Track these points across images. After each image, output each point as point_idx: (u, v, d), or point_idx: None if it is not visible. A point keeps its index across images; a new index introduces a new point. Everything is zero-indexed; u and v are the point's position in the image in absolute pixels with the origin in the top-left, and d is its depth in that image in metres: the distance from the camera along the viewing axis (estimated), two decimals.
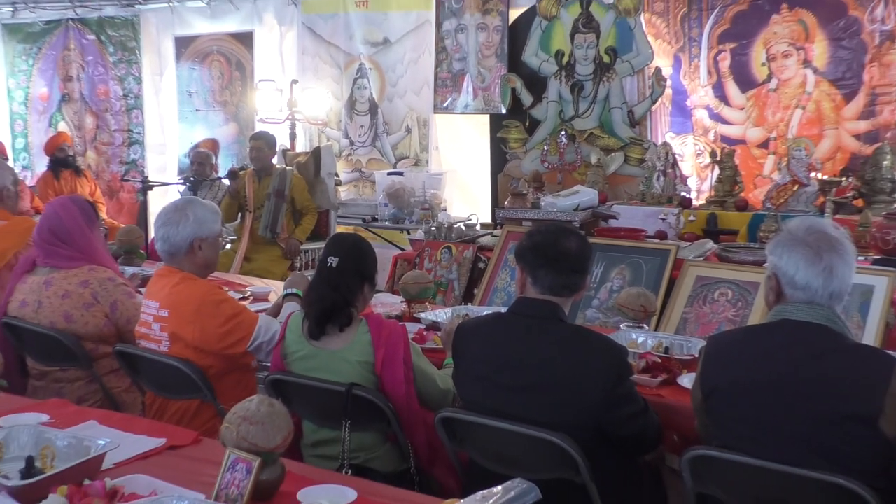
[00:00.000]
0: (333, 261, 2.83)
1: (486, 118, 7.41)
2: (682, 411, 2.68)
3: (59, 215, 3.43)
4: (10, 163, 9.05)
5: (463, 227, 5.67)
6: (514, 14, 7.19)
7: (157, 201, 8.48)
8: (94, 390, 3.36)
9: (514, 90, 6.90)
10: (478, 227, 5.85)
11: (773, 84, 6.30)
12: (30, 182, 8.58)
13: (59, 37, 9.58)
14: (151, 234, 7.24)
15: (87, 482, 2.00)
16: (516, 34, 7.09)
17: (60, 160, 8.04)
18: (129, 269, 4.57)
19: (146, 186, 7.33)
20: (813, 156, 5.80)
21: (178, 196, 7.42)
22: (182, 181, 7.38)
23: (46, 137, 8.90)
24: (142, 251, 5.63)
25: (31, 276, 3.42)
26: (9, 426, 2.36)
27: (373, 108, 8.03)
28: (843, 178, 5.74)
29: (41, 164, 8.88)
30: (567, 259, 2.59)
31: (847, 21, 5.97)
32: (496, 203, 6.86)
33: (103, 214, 8.03)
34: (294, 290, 3.49)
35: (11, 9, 9.62)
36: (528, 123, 6.85)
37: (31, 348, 3.45)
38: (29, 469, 2.07)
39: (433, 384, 2.85)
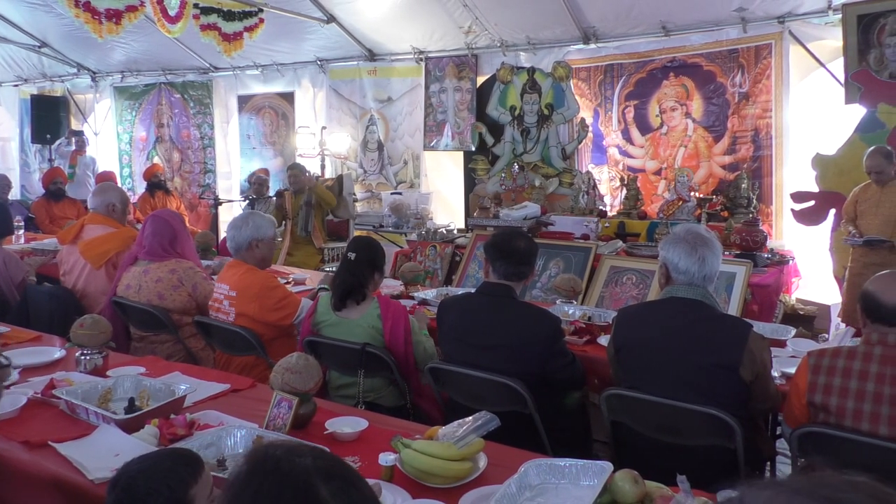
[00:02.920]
0: (352, 255, 2.83)
1: (461, 154, 7.38)
2: (600, 362, 2.68)
3: (171, 225, 3.44)
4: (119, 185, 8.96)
5: (444, 232, 5.65)
6: (480, 79, 7.16)
7: (225, 214, 8.46)
8: (179, 349, 3.32)
9: (480, 134, 6.88)
10: (455, 232, 5.84)
11: (664, 130, 6.30)
12: (133, 200, 8.47)
13: (154, 95, 9.47)
14: (221, 237, 7.21)
15: (172, 416, 1.98)
16: (482, 94, 7.06)
17: (155, 184, 7.95)
18: (205, 262, 4.52)
19: (217, 203, 7.28)
20: (692, 181, 5.82)
21: (240, 209, 7.38)
22: (244, 198, 7.32)
23: (145, 168, 8.81)
24: (213, 249, 5.58)
25: (134, 267, 3.40)
26: (116, 376, 2.34)
27: (380, 147, 7.98)
28: (714, 197, 5.76)
29: (140, 187, 8.77)
30: (517, 254, 2.59)
31: (715, 85, 5.98)
32: (468, 214, 6.85)
33: (187, 223, 7.95)
34: (324, 286, 3.47)
35: (120, 76, 9.56)
36: (490, 158, 6.82)
37: (134, 319, 3.41)
38: (131, 407, 2.05)
39: (422, 349, 2.84)
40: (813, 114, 5.63)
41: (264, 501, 0.87)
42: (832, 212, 5.16)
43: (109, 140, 9.97)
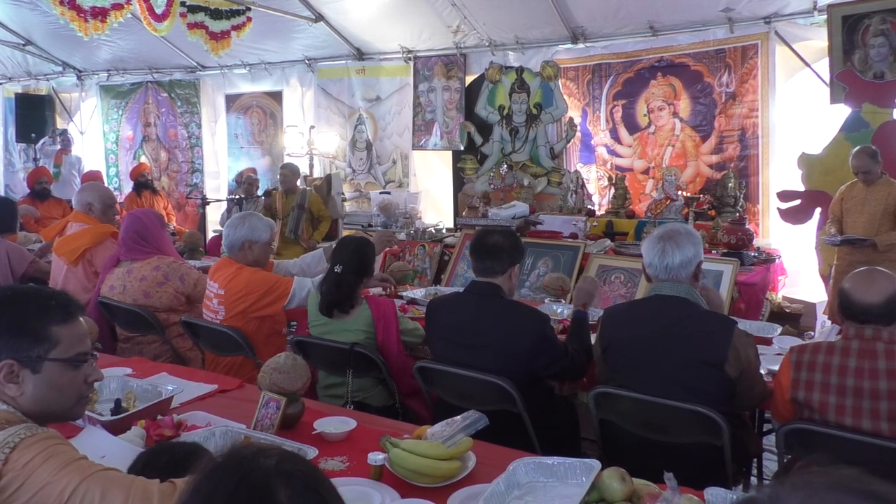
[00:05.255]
0: (339, 268, 2.80)
1: (450, 153, 7.38)
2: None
3: (142, 220, 3.41)
4: (105, 185, 8.89)
5: (433, 231, 5.65)
6: (469, 79, 7.16)
7: (213, 213, 8.40)
8: (166, 350, 3.30)
9: (469, 133, 6.88)
10: (444, 231, 5.84)
11: (651, 129, 6.33)
12: (119, 199, 8.40)
13: (140, 94, 9.41)
14: (209, 237, 7.18)
15: (159, 417, 1.96)
16: (471, 93, 7.07)
17: (142, 183, 7.88)
18: (192, 262, 4.49)
19: (204, 202, 7.23)
20: (680, 180, 5.84)
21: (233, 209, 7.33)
22: (233, 199, 7.29)
23: (131, 167, 8.74)
24: (201, 249, 5.54)
25: (117, 268, 3.38)
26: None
27: (369, 146, 7.97)
28: (701, 196, 5.79)
29: (127, 186, 8.71)
30: (487, 250, 2.59)
31: (702, 85, 6.02)
32: (457, 213, 6.85)
33: (173, 223, 7.91)
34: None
35: (106, 74, 9.49)
36: (479, 157, 6.83)
37: (120, 320, 3.39)
38: (117, 408, 2.03)
39: (407, 329, 2.88)
40: (799, 113, 5.68)
41: (219, 499, 0.87)
42: (818, 210, 5.20)
43: (95, 139, 9.89)
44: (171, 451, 1.52)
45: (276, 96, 8.48)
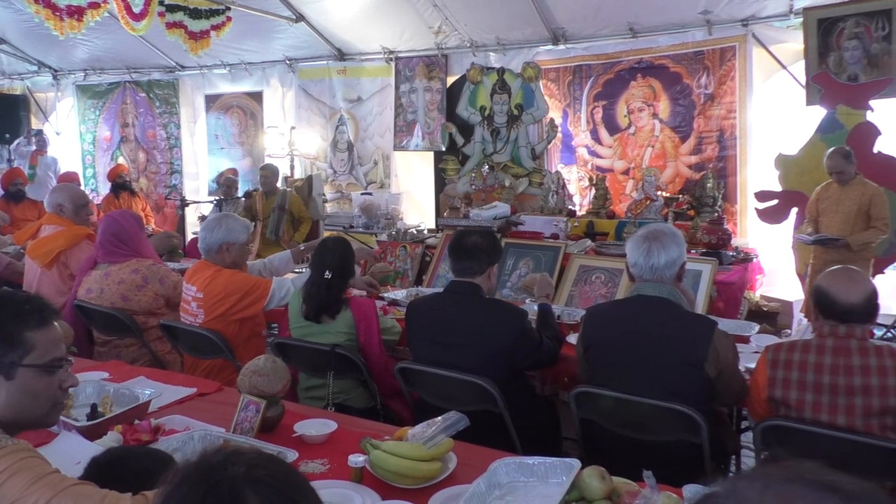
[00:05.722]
0: (329, 274, 2.78)
1: (431, 154, 7.38)
2: (570, 360, 2.69)
3: (119, 222, 3.36)
4: (82, 187, 8.79)
5: (415, 232, 5.64)
6: (450, 79, 7.17)
7: (192, 215, 8.33)
8: (144, 353, 3.27)
9: (451, 134, 6.90)
10: (425, 232, 5.83)
11: (632, 130, 6.38)
12: (96, 201, 8.30)
13: (118, 94, 9.31)
14: (188, 238, 7.11)
15: (137, 422, 1.94)
16: (452, 94, 7.07)
17: (120, 184, 7.79)
18: (171, 265, 4.44)
19: (184, 204, 7.18)
20: (660, 180, 5.89)
21: (208, 210, 7.28)
22: (212, 200, 7.23)
23: (109, 168, 8.64)
24: (180, 251, 5.49)
25: (94, 271, 3.34)
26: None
27: (350, 147, 7.94)
28: (680, 196, 5.84)
29: (105, 188, 8.61)
30: (465, 250, 2.61)
31: (682, 86, 6.07)
32: (438, 214, 6.85)
33: (152, 224, 7.83)
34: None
35: (83, 74, 9.36)
36: (460, 158, 6.85)
37: (97, 323, 3.34)
38: (93, 413, 2.01)
39: (386, 327, 2.89)
40: (775, 115, 5.75)
41: None
42: (794, 210, 5.27)
43: (72, 140, 9.76)
44: (129, 460, 1.48)
45: (257, 97, 8.43)
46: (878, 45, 5.00)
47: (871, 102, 5.01)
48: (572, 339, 2.87)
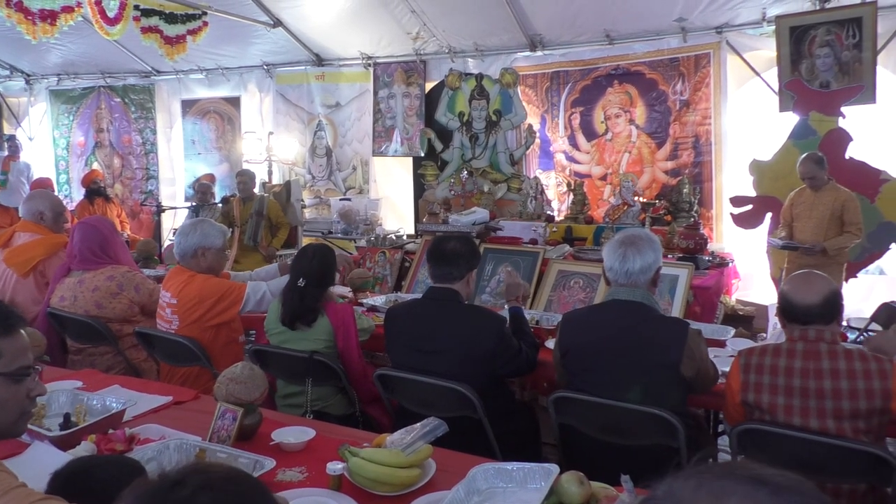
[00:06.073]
0: (302, 281, 2.77)
1: (410, 160, 7.39)
2: (549, 365, 2.70)
3: (100, 230, 3.32)
4: (56, 193, 8.64)
5: (394, 238, 5.64)
6: (429, 85, 7.19)
7: (168, 221, 8.24)
8: (119, 361, 3.22)
9: (429, 140, 6.91)
10: (404, 237, 5.83)
11: (609, 136, 6.44)
12: (70, 207, 8.18)
13: (93, 99, 9.19)
14: (164, 245, 7.04)
15: (111, 431, 1.91)
16: (431, 99, 7.09)
17: (94, 190, 7.69)
18: (147, 271, 4.39)
19: (160, 210, 7.12)
20: (637, 185, 5.95)
21: (184, 216, 7.22)
22: (189, 206, 7.17)
23: (83, 174, 8.52)
24: (156, 258, 5.43)
25: (67, 278, 3.29)
26: (50, 391, 2.24)
27: (328, 153, 7.92)
28: (657, 201, 5.91)
29: (78, 194, 8.49)
30: (444, 256, 2.61)
31: (657, 93, 6.14)
32: (417, 220, 6.84)
33: (127, 231, 7.73)
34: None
35: (56, 78, 9.23)
36: (439, 163, 6.86)
37: (71, 331, 3.29)
38: (66, 423, 1.97)
39: (362, 329, 2.87)
40: (749, 121, 5.84)
41: None
42: (769, 215, 5.35)
43: (45, 145, 9.61)
44: (95, 470, 1.44)
45: (234, 102, 8.38)
46: (849, 53, 5.10)
47: (843, 109, 5.10)
48: (551, 344, 2.89)
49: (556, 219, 6.14)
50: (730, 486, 0.69)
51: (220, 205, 6.61)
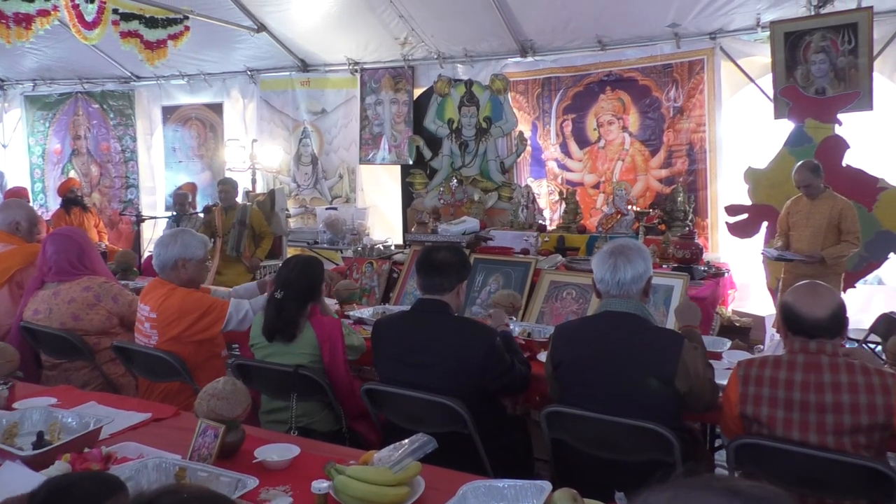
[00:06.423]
0: (280, 293, 2.76)
1: (398, 167, 7.40)
2: (541, 379, 2.69)
3: (71, 238, 3.31)
4: (31, 202, 8.58)
5: (381, 248, 5.63)
6: (417, 91, 7.21)
7: (148, 231, 8.20)
8: (96, 376, 3.19)
9: (418, 147, 6.92)
10: (392, 248, 5.82)
11: (601, 143, 6.47)
12: (46, 217, 8.13)
13: (70, 105, 9.16)
14: (144, 256, 6.99)
15: (87, 450, 1.89)
16: (419, 106, 7.12)
17: (71, 199, 7.65)
18: (125, 283, 4.36)
19: (139, 219, 7.08)
20: (630, 194, 5.98)
21: (165, 226, 7.19)
22: (169, 216, 7.14)
23: (59, 182, 8.47)
24: (135, 269, 5.40)
25: (41, 290, 3.26)
26: (23, 409, 2.23)
27: (314, 160, 7.92)
28: (651, 210, 5.94)
29: (54, 203, 8.44)
30: (435, 267, 2.61)
31: (651, 99, 6.19)
32: (406, 229, 6.84)
33: (105, 241, 7.68)
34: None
35: (32, 84, 9.19)
36: (428, 171, 6.87)
37: (45, 346, 3.25)
38: (39, 441, 1.95)
39: (352, 346, 2.86)
40: (744, 128, 5.90)
41: None
42: (765, 224, 5.39)
43: (19, 153, 9.55)
44: (72, 489, 1.42)
45: (217, 108, 8.38)
46: (845, 59, 5.17)
47: (840, 116, 5.16)
48: (543, 357, 2.88)
49: (548, 228, 6.16)
50: (704, 498, 0.71)
51: (201, 214, 6.60)
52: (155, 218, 7.61)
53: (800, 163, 4.76)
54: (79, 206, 7.70)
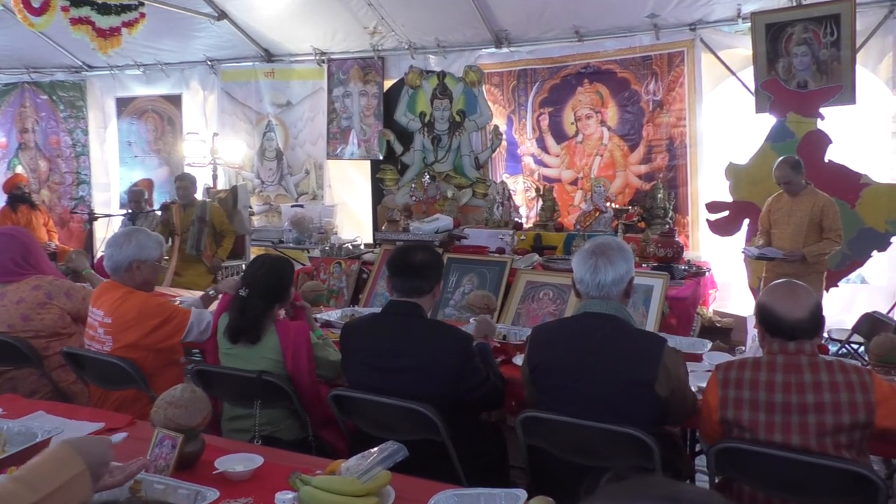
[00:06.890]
0: (245, 291, 2.73)
1: (368, 163, 7.39)
2: (516, 383, 2.69)
3: (22, 241, 3.24)
4: None
5: (350, 247, 5.62)
6: (387, 83, 7.20)
7: (102, 230, 8.07)
8: (45, 384, 3.12)
9: (388, 142, 6.91)
10: (362, 247, 5.81)
11: (579, 138, 6.52)
12: None
13: (15, 96, 8.98)
14: (97, 256, 6.88)
15: None
16: (390, 99, 7.11)
17: (17, 196, 7.50)
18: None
19: (92, 218, 6.97)
20: (609, 191, 6.03)
21: (119, 225, 7.07)
22: (124, 214, 7.03)
23: (5, 178, 8.30)
24: (90, 268, 5.29)
25: None
26: None
27: (279, 155, 7.87)
28: (630, 207, 6.00)
29: (0, 200, 8.26)
30: (411, 268, 2.59)
31: (630, 93, 6.25)
32: (376, 228, 6.84)
33: (55, 241, 7.54)
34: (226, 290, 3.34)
35: None
36: (399, 167, 6.87)
37: None
38: None
39: (326, 361, 2.81)
40: (726, 122, 5.99)
41: None
42: (746, 222, 5.47)
43: None
44: None
45: (175, 100, 8.28)
46: (827, 52, 5.26)
47: (822, 110, 5.25)
48: (519, 360, 2.89)
49: (525, 226, 6.19)
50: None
51: (158, 212, 6.50)
52: (109, 216, 7.49)
53: (780, 159, 4.83)
54: (26, 203, 7.55)
